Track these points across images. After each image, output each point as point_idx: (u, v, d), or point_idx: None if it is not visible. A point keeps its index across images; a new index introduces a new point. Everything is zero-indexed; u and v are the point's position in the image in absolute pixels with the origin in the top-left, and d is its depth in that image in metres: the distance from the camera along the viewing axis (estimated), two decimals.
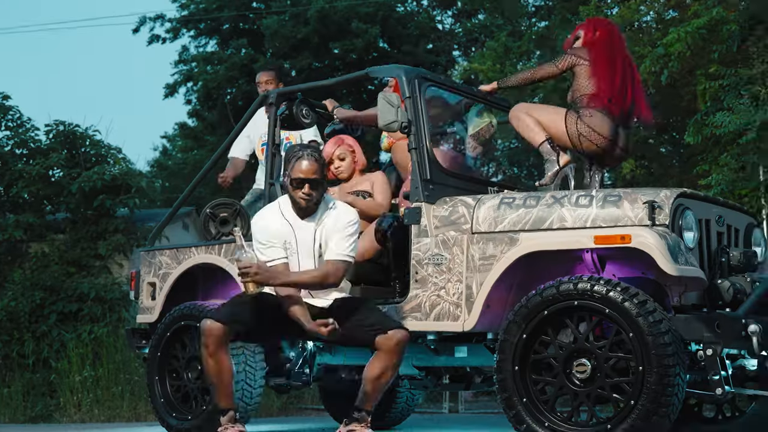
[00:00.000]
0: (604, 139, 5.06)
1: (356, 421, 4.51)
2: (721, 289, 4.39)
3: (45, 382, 10.04)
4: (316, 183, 4.50)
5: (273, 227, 4.57)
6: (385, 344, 4.40)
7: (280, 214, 4.60)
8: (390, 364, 4.44)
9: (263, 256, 4.53)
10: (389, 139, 5.68)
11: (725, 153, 8.30)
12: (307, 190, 4.48)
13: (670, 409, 4.06)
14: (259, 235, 4.58)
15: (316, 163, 4.50)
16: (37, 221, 11.14)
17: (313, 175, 4.48)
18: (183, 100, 21.10)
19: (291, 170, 4.51)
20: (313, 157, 4.51)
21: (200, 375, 5.76)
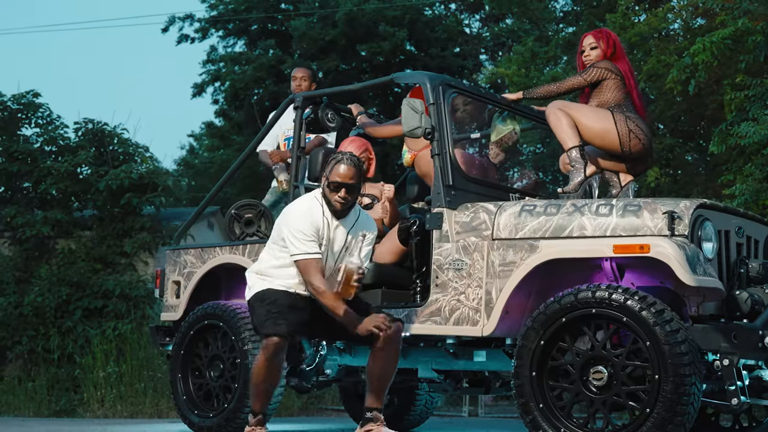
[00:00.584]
0: (648, 139, 5.13)
1: (371, 421, 4.59)
2: (739, 300, 4.42)
3: (69, 377, 10.17)
4: (352, 188, 4.60)
5: (317, 223, 4.64)
6: (380, 339, 4.51)
7: (322, 212, 4.68)
8: (388, 357, 4.55)
9: (302, 245, 4.57)
10: (411, 153, 5.73)
11: (750, 163, 8.29)
12: (344, 194, 4.58)
13: (685, 418, 4.10)
14: (305, 227, 4.60)
15: (354, 167, 4.60)
16: (65, 218, 11.27)
17: (351, 180, 4.59)
18: (210, 99, 21.22)
19: (329, 173, 4.60)
20: (352, 162, 4.61)
21: (222, 373, 5.84)
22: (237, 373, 5.69)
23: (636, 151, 5.13)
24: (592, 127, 5.11)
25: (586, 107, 5.23)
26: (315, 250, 4.59)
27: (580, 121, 5.12)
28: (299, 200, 4.80)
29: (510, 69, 13.89)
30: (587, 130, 5.11)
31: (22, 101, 11.79)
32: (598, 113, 5.14)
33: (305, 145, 5.79)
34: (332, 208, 4.64)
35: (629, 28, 11.34)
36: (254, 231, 6.05)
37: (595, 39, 5.33)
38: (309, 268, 4.56)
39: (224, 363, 5.83)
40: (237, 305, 5.85)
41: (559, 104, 5.22)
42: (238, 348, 5.67)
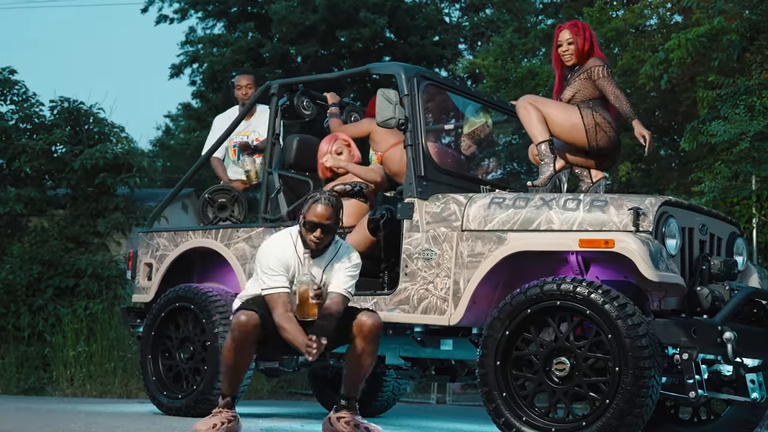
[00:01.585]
0: (615, 133, 5.20)
1: (345, 409, 4.63)
2: (700, 296, 4.52)
3: (39, 356, 10.16)
4: (328, 228, 4.55)
5: (287, 260, 4.61)
6: (359, 332, 4.53)
7: (294, 249, 4.64)
8: (367, 350, 4.56)
9: (268, 280, 4.56)
10: (377, 155, 5.79)
11: (719, 161, 8.41)
12: (319, 234, 4.54)
13: (643, 410, 4.20)
14: (272, 262, 4.58)
15: (332, 208, 4.55)
16: (38, 196, 11.23)
17: (327, 221, 4.53)
18: (188, 81, 21.16)
19: (306, 212, 4.56)
20: (329, 202, 4.56)
21: (192, 355, 5.90)
22: (207, 355, 5.75)
23: (603, 144, 5.20)
24: (560, 123, 5.18)
25: (554, 102, 5.30)
26: (280, 284, 4.55)
27: (548, 116, 5.19)
28: (273, 236, 4.79)
29: (487, 60, 13.98)
30: (555, 125, 5.18)
31: None
32: (566, 108, 5.22)
33: (279, 132, 5.84)
34: (308, 246, 4.61)
35: (606, 23, 11.45)
36: (227, 216, 6.11)
37: (572, 34, 5.37)
38: (274, 302, 4.54)
39: (194, 345, 5.89)
40: (208, 288, 5.90)
41: (529, 99, 5.29)
42: (209, 330, 5.73)
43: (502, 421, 4.47)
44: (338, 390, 4.76)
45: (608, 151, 5.25)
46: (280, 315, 4.49)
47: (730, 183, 8.14)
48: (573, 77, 5.30)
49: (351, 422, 4.58)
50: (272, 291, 4.54)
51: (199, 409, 5.73)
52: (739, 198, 8.11)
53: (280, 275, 4.56)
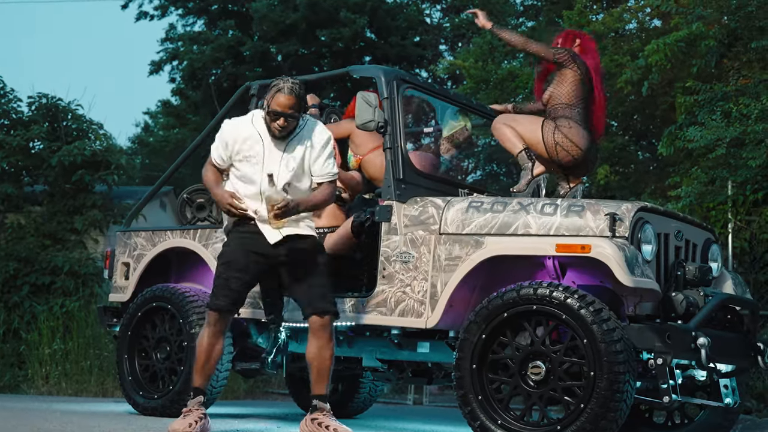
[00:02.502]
0: (579, 150, 5.26)
1: (318, 410, 4.65)
2: (675, 302, 4.55)
3: (14, 353, 10.10)
4: (291, 117, 4.56)
5: (240, 134, 4.65)
6: (313, 326, 4.61)
7: (251, 124, 4.68)
8: (322, 343, 4.61)
9: (213, 150, 4.71)
10: (356, 157, 5.80)
11: (696, 167, 8.46)
12: (282, 123, 4.57)
13: (618, 414, 4.23)
14: (222, 136, 4.69)
15: (295, 97, 4.54)
16: (15, 192, 11.16)
17: (289, 110, 4.54)
18: (167, 78, 21.14)
19: (269, 101, 4.57)
20: (292, 91, 4.54)
21: (169, 355, 5.89)
22: (183, 355, 5.75)
23: (564, 162, 5.34)
24: (527, 138, 5.35)
25: (524, 118, 5.46)
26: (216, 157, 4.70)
27: (518, 132, 5.36)
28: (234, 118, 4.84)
29: (468, 61, 13.99)
30: (525, 140, 5.35)
31: None
32: (533, 124, 5.35)
33: None
34: (271, 132, 4.62)
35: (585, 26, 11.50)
36: (206, 216, 6.10)
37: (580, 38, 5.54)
38: (207, 163, 4.75)
39: (171, 345, 5.88)
40: (185, 288, 5.89)
41: (501, 119, 5.46)
42: (186, 331, 5.72)
43: (477, 424, 4.49)
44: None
45: (572, 167, 5.34)
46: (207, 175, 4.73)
47: (707, 188, 8.20)
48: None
49: (323, 424, 4.59)
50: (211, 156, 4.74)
51: (174, 409, 5.72)
52: (715, 203, 8.16)
53: (221, 150, 4.68)
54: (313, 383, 4.69)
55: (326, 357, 4.63)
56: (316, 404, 4.67)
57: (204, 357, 4.68)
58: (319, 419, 4.62)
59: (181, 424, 4.58)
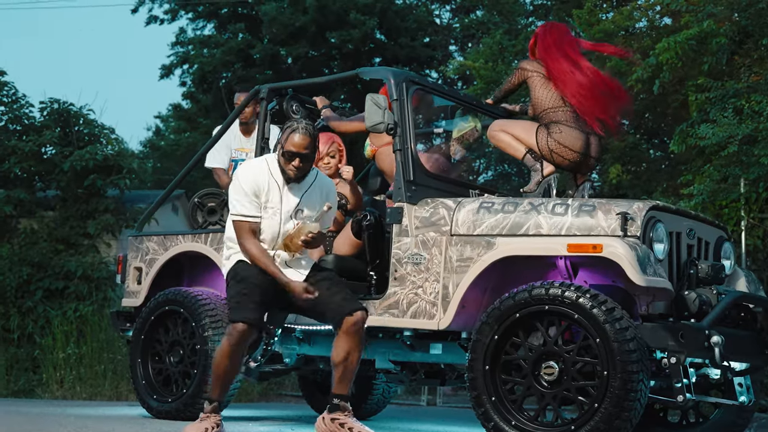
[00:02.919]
0: (575, 153, 5.29)
1: (338, 410, 4.61)
2: (688, 300, 4.53)
3: (29, 358, 10.16)
4: (306, 157, 4.61)
5: (261, 185, 4.65)
6: (344, 326, 4.53)
7: (269, 172, 4.69)
8: (353, 345, 4.55)
9: (239, 207, 4.63)
10: (372, 147, 5.81)
11: (708, 164, 8.43)
12: (297, 164, 4.60)
13: (632, 414, 4.22)
14: (246, 188, 4.64)
15: (309, 137, 4.59)
16: (28, 197, 11.22)
17: (305, 150, 4.58)
18: (178, 81, 21.14)
19: (284, 142, 4.60)
20: (306, 131, 4.60)
21: (182, 359, 5.91)
22: (197, 359, 5.76)
23: (563, 166, 5.38)
24: (525, 142, 5.37)
25: (519, 123, 5.50)
26: (251, 213, 4.62)
27: (515, 136, 5.40)
28: (247, 162, 4.83)
29: (478, 62, 13.98)
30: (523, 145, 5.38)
31: None
32: (527, 130, 5.39)
33: (269, 137, 5.85)
34: (286, 175, 4.65)
35: (595, 25, 11.47)
36: (217, 220, 6.12)
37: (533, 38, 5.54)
38: (241, 230, 4.62)
39: (184, 349, 5.89)
40: (198, 292, 5.91)
41: (496, 126, 5.48)
42: (198, 334, 5.73)
43: (491, 426, 4.48)
44: (328, 392, 4.76)
45: (571, 169, 5.37)
46: (251, 245, 4.59)
47: (719, 186, 8.17)
48: None
49: (346, 425, 4.57)
50: (240, 218, 4.63)
51: (188, 413, 5.74)
52: (728, 201, 8.14)
53: (249, 202, 4.62)
54: (336, 383, 4.63)
55: (354, 360, 4.58)
56: (337, 403, 4.62)
57: (224, 373, 4.61)
58: (341, 419, 4.58)
59: (197, 429, 4.58)
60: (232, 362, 4.57)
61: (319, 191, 4.77)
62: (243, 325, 4.47)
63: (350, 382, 4.66)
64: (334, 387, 4.65)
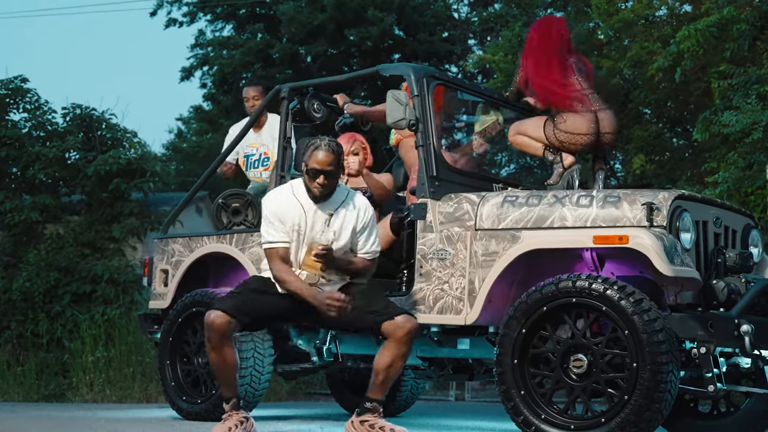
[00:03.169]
0: (584, 136, 5.37)
1: (369, 411, 4.59)
2: (716, 290, 4.50)
3: (58, 362, 10.24)
4: (330, 174, 4.58)
5: (284, 209, 4.65)
6: (394, 334, 4.49)
7: (293, 196, 4.68)
8: (399, 353, 4.51)
9: (266, 234, 4.65)
10: (396, 136, 5.81)
11: (733, 151, 8.37)
12: (322, 181, 4.57)
13: (662, 405, 4.19)
14: (269, 215, 4.66)
15: (333, 154, 4.57)
16: (53, 203, 11.30)
17: (329, 167, 4.56)
18: (198, 83, 21.21)
19: (308, 159, 4.59)
20: (330, 147, 4.58)
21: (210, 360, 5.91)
22: None
23: (580, 151, 5.45)
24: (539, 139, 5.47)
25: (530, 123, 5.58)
26: (278, 239, 4.62)
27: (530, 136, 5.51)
28: (274, 190, 4.84)
29: (497, 55, 13.93)
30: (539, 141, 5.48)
31: (9, 86, 11.79)
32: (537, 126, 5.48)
33: (291, 136, 5.86)
34: (311, 194, 4.64)
35: (615, 14, 11.40)
36: (241, 220, 6.13)
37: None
38: (270, 257, 4.63)
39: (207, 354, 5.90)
40: (224, 293, 5.91)
41: (513, 130, 5.60)
42: None
43: (521, 420, 4.47)
44: (357, 391, 4.75)
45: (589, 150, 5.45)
46: (278, 269, 4.58)
47: (744, 173, 8.11)
48: None
49: (376, 425, 4.55)
50: (269, 245, 4.63)
51: (217, 414, 5.72)
52: (754, 188, 8.08)
53: (277, 229, 4.62)
54: (373, 386, 4.60)
55: (397, 368, 4.54)
56: (368, 406, 4.60)
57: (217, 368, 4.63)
58: (370, 421, 4.55)
59: (221, 429, 4.58)
60: (219, 355, 4.55)
61: (351, 210, 4.70)
62: (213, 313, 4.49)
63: (387, 388, 4.63)
64: (370, 391, 4.62)
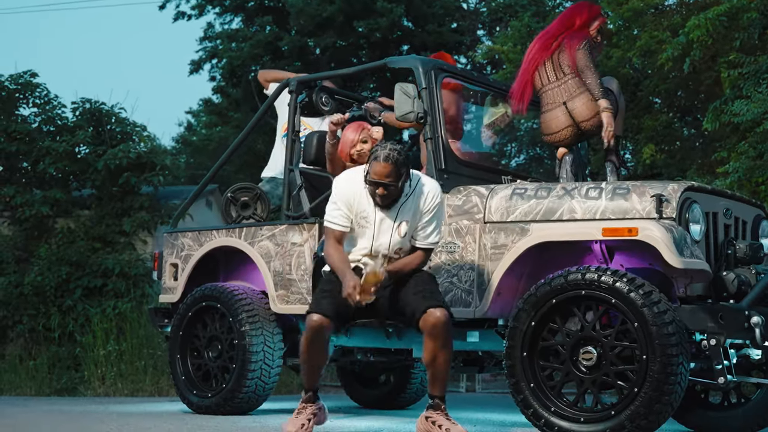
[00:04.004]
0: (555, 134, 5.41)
1: (432, 408, 4.57)
2: (726, 281, 4.49)
3: (70, 356, 10.28)
4: (389, 186, 4.47)
5: (355, 196, 4.58)
6: (425, 328, 4.42)
7: (365, 187, 4.58)
8: (437, 345, 4.42)
9: (329, 213, 4.60)
10: None
11: (744, 141, 8.33)
12: (381, 192, 4.49)
13: (672, 397, 4.18)
14: (337, 197, 4.60)
15: (391, 164, 4.43)
16: (64, 197, 11.34)
17: (387, 179, 4.44)
18: (208, 76, 21.20)
19: (369, 169, 4.50)
20: (389, 159, 4.43)
21: (220, 354, 5.94)
22: (235, 354, 5.79)
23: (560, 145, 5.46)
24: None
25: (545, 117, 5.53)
26: (340, 222, 4.57)
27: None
28: (350, 170, 4.74)
29: (506, 45, 13.89)
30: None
31: (19, 81, 11.82)
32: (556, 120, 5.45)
33: (299, 129, 5.86)
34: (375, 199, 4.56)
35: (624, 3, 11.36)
36: (250, 214, 6.13)
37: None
38: (327, 234, 4.62)
39: (222, 344, 5.93)
40: (234, 287, 5.93)
41: None
42: (236, 329, 5.76)
43: (530, 412, 4.47)
44: (368, 384, 4.74)
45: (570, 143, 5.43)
46: (332, 252, 4.56)
47: (755, 163, 8.07)
48: None
49: (437, 422, 4.51)
50: (327, 224, 4.62)
51: (228, 407, 5.78)
52: (764, 178, 8.03)
53: (339, 210, 4.58)
54: (429, 383, 4.58)
55: (442, 360, 4.46)
56: (431, 402, 4.59)
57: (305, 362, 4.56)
58: (433, 417, 4.54)
59: (294, 424, 4.54)
60: (311, 352, 4.50)
61: (418, 196, 4.59)
62: (316, 316, 4.43)
63: (443, 381, 4.55)
64: (429, 387, 4.61)
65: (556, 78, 5.38)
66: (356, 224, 4.62)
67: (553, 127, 5.31)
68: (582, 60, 5.30)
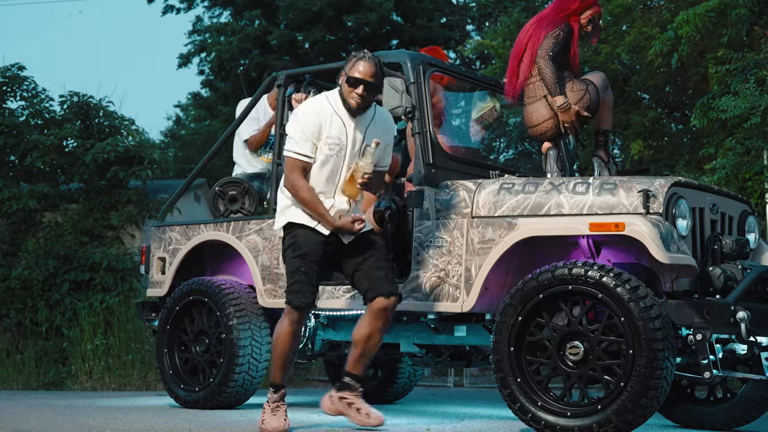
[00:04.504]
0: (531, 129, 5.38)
1: (347, 388, 4.59)
2: (712, 276, 4.51)
3: (57, 350, 10.24)
4: (371, 86, 4.46)
5: (326, 120, 4.50)
6: (374, 307, 4.48)
7: (331, 108, 4.53)
8: (376, 327, 4.52)
9: (294, 145, 4.47)
10: None
11: (731, 137, 8.36)
12: (361, 92, 4.45)
13: (658, 392, 4.20)
14: (305, 125, 4.47)
15: (375, 66, 4.47)
16: (51, 191, 11.27)
17: (370, 78, 4.45)
18: (196, 70, 21.24)
19: (349, 69, 4.47)
20: (373, 61, 4.47)
21: (208, 348, 5.94)
22: (222, 348, 5.78)
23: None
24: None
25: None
26: (304, 151, 4.45)
27: None
28: (310, 99, 4.67)
29: (495, 41, 13.90)
30: None
31: (6, 74, 11.74)
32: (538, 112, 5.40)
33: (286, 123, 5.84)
34: (347, 105, 4.48)
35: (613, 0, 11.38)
36: (238, 208, 6.12)
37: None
38: (292, 167, 4.46)
39: (210, 338, 5.93)
40: (222, 281, 5.93)
41: None
42: (223, 323, 5.76)
43: (517, 407, 4.48)
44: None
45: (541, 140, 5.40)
46: (300, 185, 4.43)
47: (742, 159, 8.10)
48: None
49: (354, 405, 4.56)
50: (294, 155, 4.47)
51: (215, 402, 5.78)
52: (751, 174, 8.07)
53: (307, 141, 4.46)
54: (351, 361, 4.61)
55: (375, 343, 4.55)
56: (348, 382, 4.59)
57: (287, 356, 4.56)
58: (349, 399, 4.56)
59: (278, 422, 4.54)
60: (294, 343, 4.54)
61: (380, 125, 4.62)
62: (302, 308, 4.46)
63: (366, 363, 4.64)
64: (349, 365, 4.63)
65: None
66: (321, 152, 4.50)
67: (534, 119, 5.30)
68: (542, 48, 5.19)
